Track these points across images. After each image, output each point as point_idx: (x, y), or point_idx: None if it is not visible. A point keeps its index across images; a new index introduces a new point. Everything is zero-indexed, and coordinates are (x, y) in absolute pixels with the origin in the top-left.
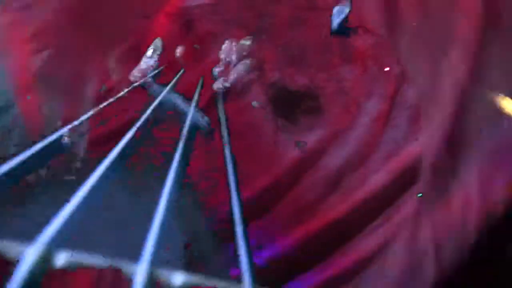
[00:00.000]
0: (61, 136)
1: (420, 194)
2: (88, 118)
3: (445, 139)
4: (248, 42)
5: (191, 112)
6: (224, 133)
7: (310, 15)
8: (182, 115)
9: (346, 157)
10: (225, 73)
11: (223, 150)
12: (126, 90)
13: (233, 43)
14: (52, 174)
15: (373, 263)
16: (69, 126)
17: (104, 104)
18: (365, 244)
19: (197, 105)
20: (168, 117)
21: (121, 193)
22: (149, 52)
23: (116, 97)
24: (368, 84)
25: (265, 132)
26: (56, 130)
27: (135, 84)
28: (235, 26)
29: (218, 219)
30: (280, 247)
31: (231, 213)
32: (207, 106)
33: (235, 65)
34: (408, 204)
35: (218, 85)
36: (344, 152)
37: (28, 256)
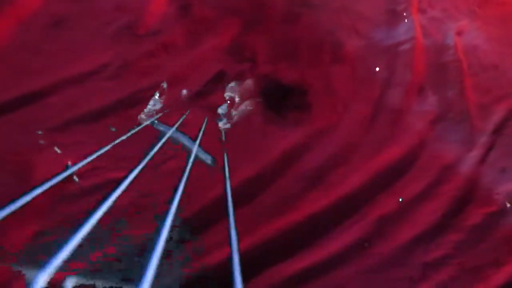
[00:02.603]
0: (71, 175)
1: (401, 199)
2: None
3: None
4: (251, 84)
5: (195, 149)
6: (226, 170)
7: (304, 12)
8: (187, 152)
9: (329, 154)
10: (228, 113)
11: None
12: (135, 129)
13: (237, 85)
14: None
15: (347, 258)
16: (79, 166)
17: (114, 143)
18: (342, 238)
19: (200, 143)
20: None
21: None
22: (156, 95)
23: (126, 135)
24: (356, 86)
25: (254, 123)
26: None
27: (143, 124)
28: (231, 14)
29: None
30: (259, 236)
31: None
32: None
33: (238, 105)
34: (382, 205)
35: (222, 124)
36: (327, 149)
37: (40, 280)
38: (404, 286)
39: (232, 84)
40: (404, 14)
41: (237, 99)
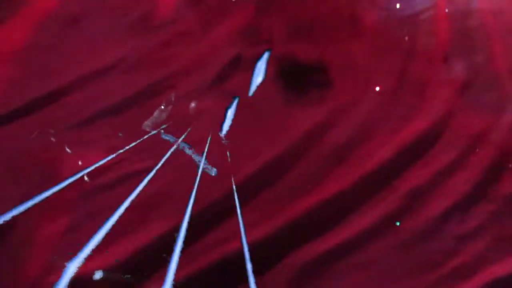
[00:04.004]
0: (82, 177)
1: (398, 223)
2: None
3: None
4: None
5: (202, 163)
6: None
7: None
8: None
9: (352, 131)
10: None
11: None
12: (140, 139)
13: None
14: None
15: (377, 235)
16: (89, 169)
17: (120, 151)
18: (369, 215)
19: (206, 157)
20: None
21: None
22: (163, 106)
23: (131, 145)
24: (377, 59)
25: (274, 104)
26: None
27: (148, 134)
28: None
29: None
30: (286, 217)
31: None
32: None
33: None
34: (412, 178)
35: (225, 141)
36: (351, 126)
37: (70, 269)
38: (438, 259)
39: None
40: None
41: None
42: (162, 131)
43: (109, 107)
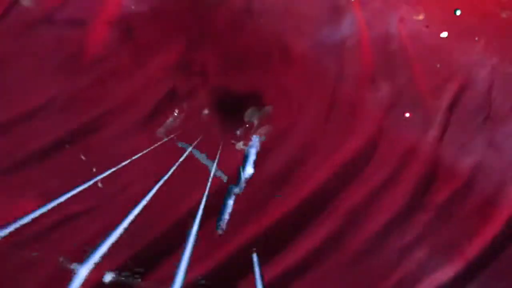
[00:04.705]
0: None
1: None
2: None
3: None
4: (269, 109)
5: (214, 168)
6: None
7: (248, 20)
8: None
9: (290, 156)
10: (246, 136)
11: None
12: (153, 146)
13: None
14: None
15: (324, 253)
16: (105, 174)
17: (129, 160)
18: (315, 236)
19: (217, 163)
20: None
21: None
22: (175, 113)
23: (141, 152)
24: (308, 85)
25: (211, 136)
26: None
27: (161, 141)
28: (175, 32)
29: None
30: (232, 246)
31: None
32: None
33: (256, 129)
34: (350, 196)
35: (239, 146)
36: (288, 150)
37: (82, 272)
38: (383, 272)
39: (250, 110)
40: (346, 9)
41: (255, 123)
42: (174, 138)
43: (39, 150)
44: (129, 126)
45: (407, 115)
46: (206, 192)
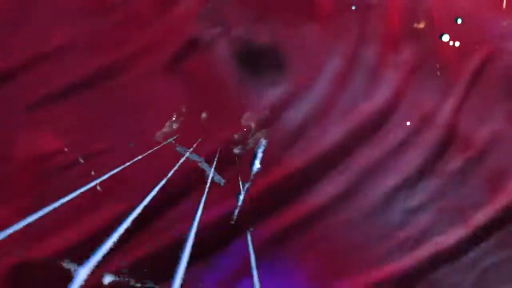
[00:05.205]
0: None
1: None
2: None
3: None
4: (268, 113)
5: (211, 172)
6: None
7: None
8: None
9: (307, 111)
10: (244, 140)
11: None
12: (153, 149)
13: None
14: None
15: (331, 210)
16: (105, 177)
17: (132, 161)
18: (325, 191)
19: (215, 167)
20: None
21: None
22: (174, 117)
23: (144, 154)
24: (330, 42)
25: (229, 86)
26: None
27: (160, 145)
28: None
29: None
30: (246, 195)
31: None
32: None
33: (254, 133)
34: (363, 157)
35: (237, 150)
36: (305, 106)
37: (81, 274)
38: (387, 233)
39: (248, 114)
40: None
41: (253, 126)
42: (173, 141)
43: (60, 89)
44: (150, 71)
45: (408, 123)
46: (204, 196)
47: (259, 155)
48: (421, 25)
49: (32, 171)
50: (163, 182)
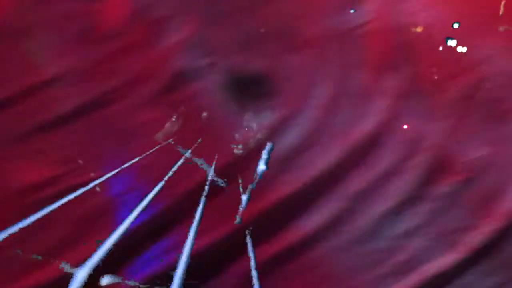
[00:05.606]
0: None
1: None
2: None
3: None
4: (269, 114)
5: (211, 173)
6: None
7: (262, 3)
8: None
9: (297, 138)
10: (244, 140)
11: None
12: (153, 149)
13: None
14: None
15: (322, 237)
16: (103, 178)
17: (133, 161)
18: (316, 218)
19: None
20: None
21: None
22: (174, 118)
23: (144, 154)
24: (316, 71)
25: (219, 116)
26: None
27: (160, 145)
28: (189, 11)
29: None
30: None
31: None
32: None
33: (255, 134)
34: (354, 182)
35: (237, 151)
36: (295, 133)
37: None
38: (377, 259)
39: (250, 114)
40: None
41: (254, 127)
42: (173, 142)
43: (55, 118)
44: (139, 101)
45: (405, 127)
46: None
47: (264, 156)
48: (419, 30)
49: (23, 201)
50: (162, 183)
